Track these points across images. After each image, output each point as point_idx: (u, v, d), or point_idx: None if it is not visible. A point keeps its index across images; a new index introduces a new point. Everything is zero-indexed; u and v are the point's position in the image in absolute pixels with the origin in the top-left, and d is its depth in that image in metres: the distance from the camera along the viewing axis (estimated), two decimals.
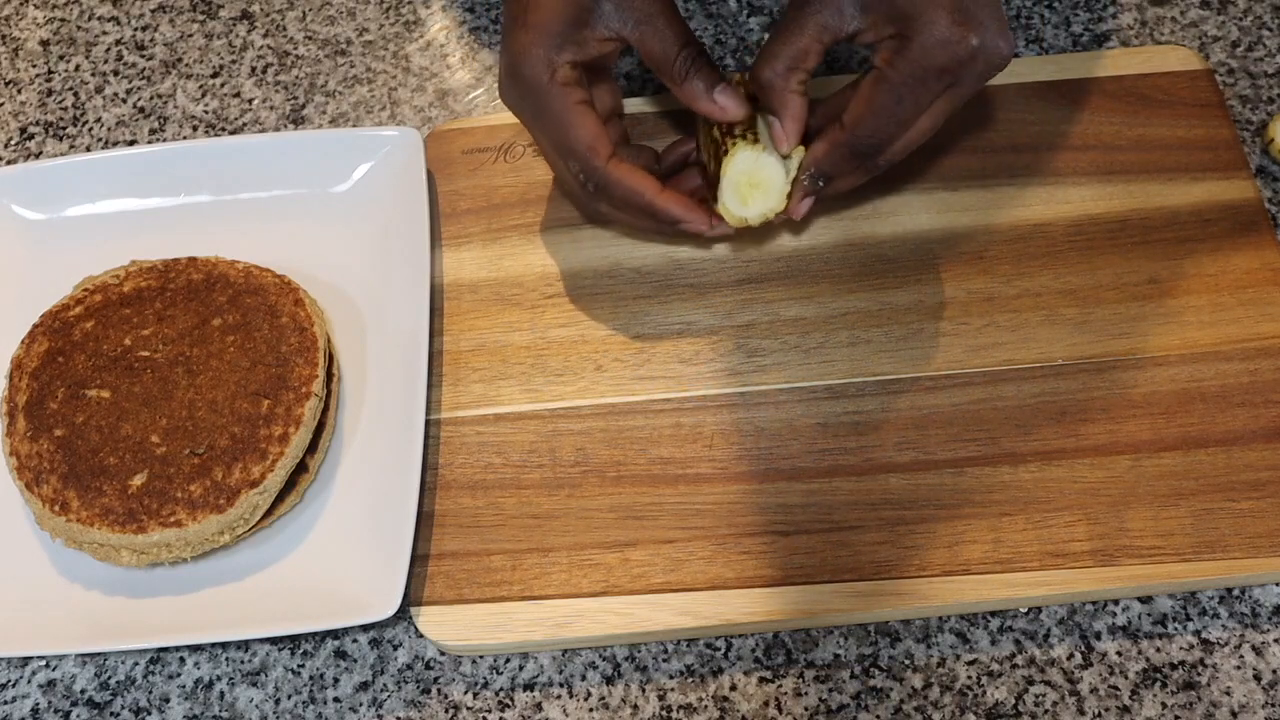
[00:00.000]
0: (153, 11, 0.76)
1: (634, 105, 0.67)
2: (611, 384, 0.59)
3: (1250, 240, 0.61)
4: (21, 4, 0.77)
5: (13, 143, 0.71)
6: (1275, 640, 0.53)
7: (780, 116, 0.54)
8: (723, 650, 0.54)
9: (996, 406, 0.57)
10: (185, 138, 0.70)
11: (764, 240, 0.63)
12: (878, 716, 0.52)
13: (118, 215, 0.66)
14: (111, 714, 0.55)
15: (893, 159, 0.54)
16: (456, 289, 0.63)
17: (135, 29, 0.75)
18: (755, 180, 0.55)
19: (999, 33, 0.51)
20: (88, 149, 0.71)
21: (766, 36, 0.55)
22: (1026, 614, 0.54)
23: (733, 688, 0.53)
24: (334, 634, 0.56)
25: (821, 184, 0.55)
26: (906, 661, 0.53)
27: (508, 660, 0.55)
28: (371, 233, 0.64)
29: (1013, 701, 0.52)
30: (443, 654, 0.55)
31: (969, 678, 0.53)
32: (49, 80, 0.74)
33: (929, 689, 0.53)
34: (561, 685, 0.54)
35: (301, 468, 0.56)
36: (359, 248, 0.64)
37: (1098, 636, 0.53)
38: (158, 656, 0.56)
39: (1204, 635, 0.53)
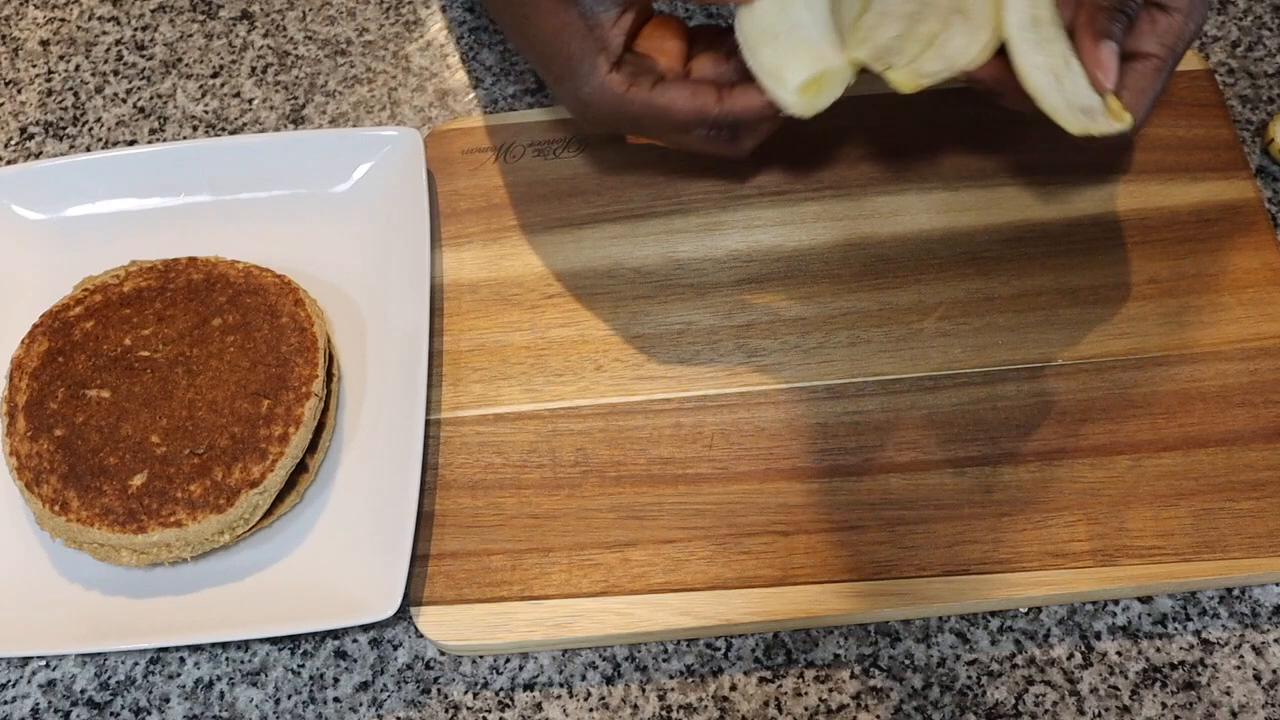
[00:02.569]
0: (153, 11, 0.76)
1: None
2: (611, 384, 0.59)
3: (1250, 240, 0.61)
4: (21, 4, 0.77)
5: (13, 143, 0.71)
6: (1275, 640, 0.53)
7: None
8: (723, 650, 0.54)
9: (996, 406, 0.57)
10: (185, 138, 0.70)
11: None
12: (878, 716, 0.52)
13: (118, 215, 0.65)
14: (111, 714, 0.55)
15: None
16: (456, 289, 0.63)
17: (135, 29, 0.75)
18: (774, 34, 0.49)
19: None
20: (88, 149, 0.71)
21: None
22: (1026, 614, 0.54)
23: (733, 688, 0.53)
24: (334, 634, 0.56)
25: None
26: (906, 661, 0.53)
27: (508, 660, 0.55)
28: (371, 233, 0.64)
29: (1013, 701, 0.52)
30: (443, 654, 0.55)
31: (969, 678, 0.53)
32: (49, 80, 0.74)
33: (929, 689, 0.53)
34: (561, 685, 0.54)
35: (301, 468, 0.56)
36: (359, 248, 0.64)
37: (1098, 636, 0.53)
38: (158, 656, 0.56)
39: (1204, 635, 0.53)
